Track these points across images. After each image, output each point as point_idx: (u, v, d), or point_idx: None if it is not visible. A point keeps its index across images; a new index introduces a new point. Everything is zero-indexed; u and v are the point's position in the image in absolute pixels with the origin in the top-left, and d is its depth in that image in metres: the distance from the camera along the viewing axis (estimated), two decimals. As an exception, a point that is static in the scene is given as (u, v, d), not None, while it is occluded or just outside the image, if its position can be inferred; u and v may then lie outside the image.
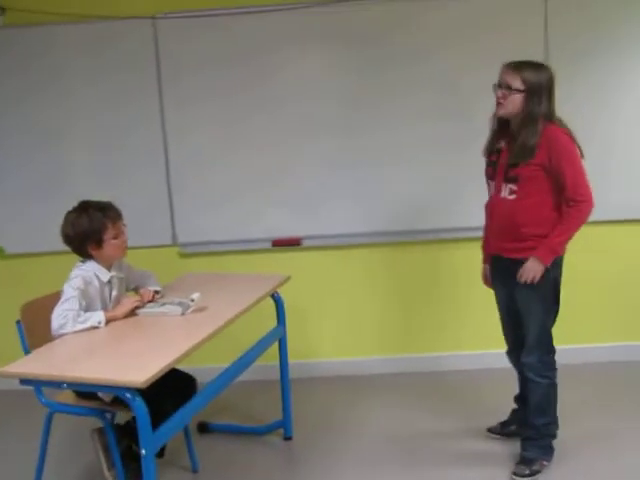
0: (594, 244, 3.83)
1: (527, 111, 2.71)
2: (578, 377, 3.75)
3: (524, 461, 2.94)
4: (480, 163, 3.01)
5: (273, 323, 3.29)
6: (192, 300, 2.75)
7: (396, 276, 4.11)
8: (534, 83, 2.69)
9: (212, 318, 2.66)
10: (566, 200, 2.71)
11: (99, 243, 2.77)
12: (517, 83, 2.71)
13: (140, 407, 2.14)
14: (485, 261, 3.15)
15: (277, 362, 3.33)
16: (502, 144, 2.87)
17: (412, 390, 3.88)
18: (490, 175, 2.94)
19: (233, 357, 2.93)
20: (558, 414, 2.97)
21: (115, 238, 2.80)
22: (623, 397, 3.62)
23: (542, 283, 2.78)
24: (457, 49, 3.81)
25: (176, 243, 4.04)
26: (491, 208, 2.96)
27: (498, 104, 2.80)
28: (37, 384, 2.34)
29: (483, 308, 3.66)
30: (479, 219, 3.09)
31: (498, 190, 2.87)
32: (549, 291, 2.84)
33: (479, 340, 4.07)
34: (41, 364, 2.30)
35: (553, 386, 2.92)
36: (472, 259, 3.25)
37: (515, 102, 2.73)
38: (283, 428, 3.40)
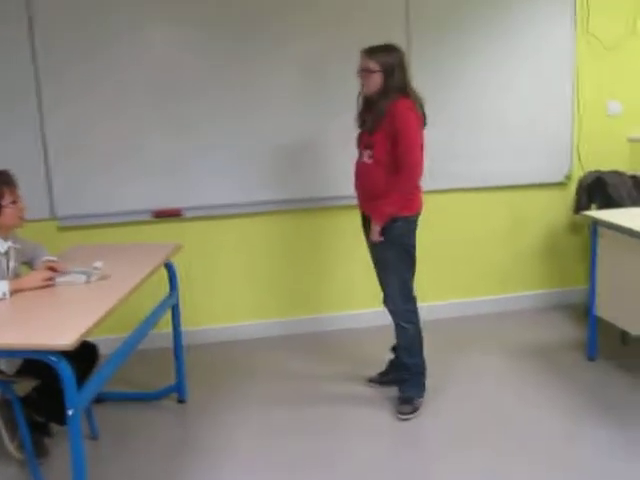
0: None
1: (384, 86, 3.14)
2: (440, 330, 4.20)
3: (404, 400, 3.34)
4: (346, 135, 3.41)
5: (160, 292, 3.38)
6: (95, 268, 2.81)
7: (275, 244, 4.34)
8: (387, 63, 3.11)
9: (118, 285, 2.74)
10: (398, 166, 3.10)
11: None
12: (373, 65, 3.14)
13: (66, 369, 2.21)
14: (364, 223, 3.47)
15: (164, 330, 3.48)
16: (366, 118, 3.26)
17: (299, 349, 4.16)
18: (358, 144, 3.34)
19: (126, 327, 3.04)
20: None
21: (13, 204, 2.79)
22: (473, 344, 4.15)
23: (392, 239, 3.18)
24: (322, 33, 4.09)
25: (55, 217, 4.01)
26: (356, 171, 3.34)
27: (362, 86, 3.23)
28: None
29: (358, 269, 4.03)
30: (349, 188, 3.43)
31: (361, 156, 3.29)
32: (402, 246, 3.22)
33: (358, 300, 4.42)
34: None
35: (418, 330, 3.35)
36: (346, 224, 3.55)
37: (375, 81, 3.15)
38: (177, 392, 3.55)
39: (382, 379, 3.63)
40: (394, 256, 3.23)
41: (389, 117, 3.08)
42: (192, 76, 4.01)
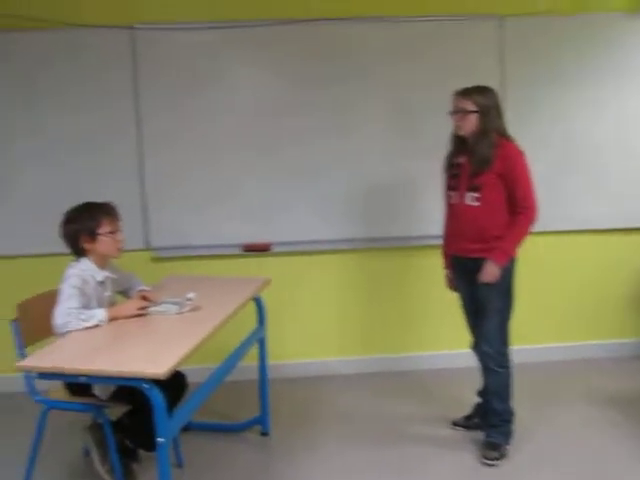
0: (546, 254, 4.27)
1: (481, 128, 3.14)
2: (526, 374, 4.06)
3: (491, 446, 3.25)
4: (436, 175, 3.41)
5: (247, 324, 3.44)
6: (188, 299, 2.90)
7: (362, 281, 4.37)
8: (483, 104, 3.13)
9: (209, 316, 2.81)
10: (516, 207, 3.11)
11: (93, 237, 2.89)
12: (469, 106, 3.14)
13: (157, 396, 2.29)
14: (447, 266, 3.45)
15: (249, 363, 3.53)
16: (462, 159, 3.25)
17: (383, 388, 4.15)
18: (452, 186, 3.29)
19: (214, 358, 3.14)
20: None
21: (111, 234, 2.92)
22: (559, 391, 4.01)
23: (501, 281, 3.15)
24: (410, 66, 4.14)
25: (149, 247, 4.17)
26: (455, 214, 3.29)
27: (457, 127, 3.23)
28: (54, 377, 2.43)
29: (444, 310, 3.98)
30: (437, 227, 3.44)
31: (462, 198, 3.22)
32: (508, 288, 3.21)
33: (443, 341, 4.39)
34: (57, 358, 2.41)
35: (510, 376, 3.27)
36: (433, 264, 3.56)
37: (471, 122, 3.15)
38: (260, 425, 3.58)
39: (467, 423, 3.56)
40: (499, 297, 3.19)
41: (500, 160, 3.09)
42: (287, 121, 4.13)
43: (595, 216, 4.34)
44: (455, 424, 3.58)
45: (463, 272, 3.33)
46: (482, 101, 3.12)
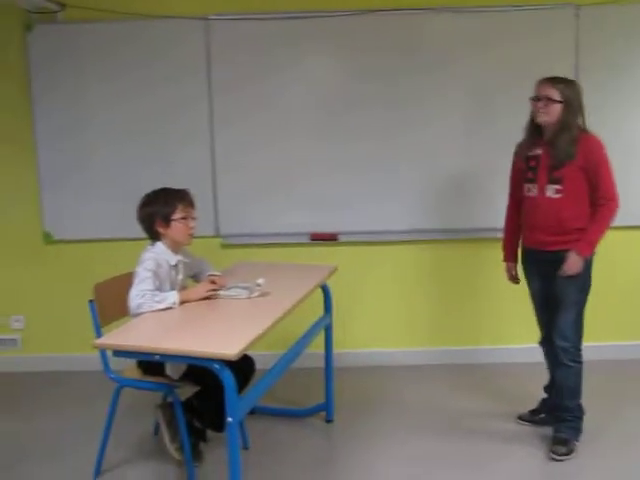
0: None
1: (563, 120, 3.09)
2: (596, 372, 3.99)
3: (560, 441, 3.19)
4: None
5: (314, 312, 3.47)
6: (258, 285, 2.95)
7: (429, 272, 4.37)
8: (569, 95, 3.09)
9: (278, 302, 2.85)
10: (599, 199, 3.08)
11: (167, 221, 2.97)
12: (556, 95, 3.08)
13: (228, 377, 2.33)
14: (508, 259, 3.44)
15: (315, 350, 3.54)
16: (539, 151, 3.19)
17: (448, 380, 4.13)
18: (530, 179, 3.23)
19: (281, 344, 3.19)
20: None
21: (183, 220, 2.99)
22: (633, 389, 3.93)
23: (582, 273, 3.11)
24: (485, 57, 4.10)
25: (219, 234, 4.26)
26: (533, 207, 3.24)
27: (539, 113, 3.14)
28: (130, 355, 2.51)
29: (513, 304, 3.93)
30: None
31: (542, 190, 3.17)
32: (587, 281, 3.16)
33: (510, 334, 4.35)
34: (133, 337, 2.50)
35: (581, 371, 3.22)
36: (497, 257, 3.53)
37: (554, 112, 3.10)
38: (325, 411, 3.62)
39: (533, 418, 3.51)
40: (577, 290, 3.15)
41: (582, 153, 3.06)
42: (361, 112, 4.15)
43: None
44: (521, 418, 3.53)
45: (538, 265, 3.29)
46: (568, 93, 3.08)
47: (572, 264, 3.10)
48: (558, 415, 3.27)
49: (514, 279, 3.45)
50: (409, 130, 4.16)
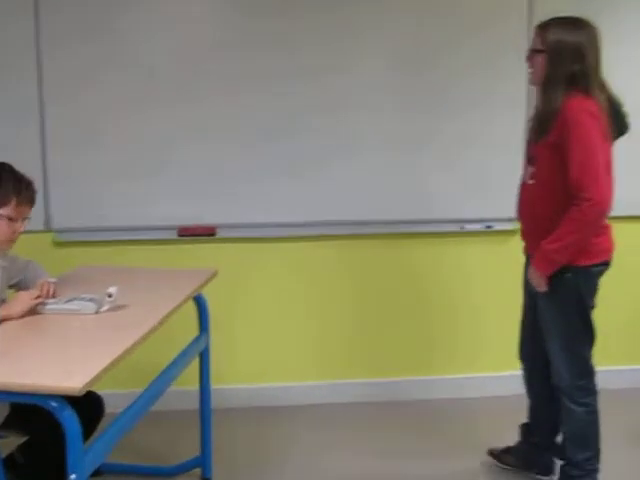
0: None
1: (545, 75, 3.06)
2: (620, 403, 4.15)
3: None
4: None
5: (185, 333, 3.46)
6: (109, 296, 2.92)
7: (350, 278, 4.45)
8: (554, 41, 3.02)
9: (136, 318, 2.83)
10: (572, 195, 2.97)
11: None
12: (538, 43, 3.09)
13: (71, 419, 2.28)
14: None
15: (186, 386, 3.58)
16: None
17: (378, 422, 4.22)
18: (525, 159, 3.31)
19: (139, 379, 3.16)
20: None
21: (9, 221, 2.95)
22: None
23: (561, 296, 3.13)
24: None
25: (50, 229, 4.21)
26: (519, 196, 3.31)
27: (529, 73, 3.21)
28: None
29: (465, 320, 4.13)
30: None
31: (525, 174, 3.25)
32: (572, 308, 3.16)
33: (463, 361, 4.52)
34: None
35: (592, 414, 3.24)
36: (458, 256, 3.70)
37: (538, 66, 3.11)
38: (201, 468, 3.63)
39: (515, 460, 3.62)
40: (561, 318, 3.17)
41: (560, 122, 2.98)
42: (234, 63, 4.20)
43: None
44: (496, 457, 3.65)
45: (525, 275, 3.35)
46: (555, 37, 3.02)
47: (533, 279, 3.16)
48: (564, 470, 3.33)
49: None
50: (313, 90, 4.24)
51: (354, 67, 4.24)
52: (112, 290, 2.94)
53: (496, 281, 4.27)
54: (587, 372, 3.23)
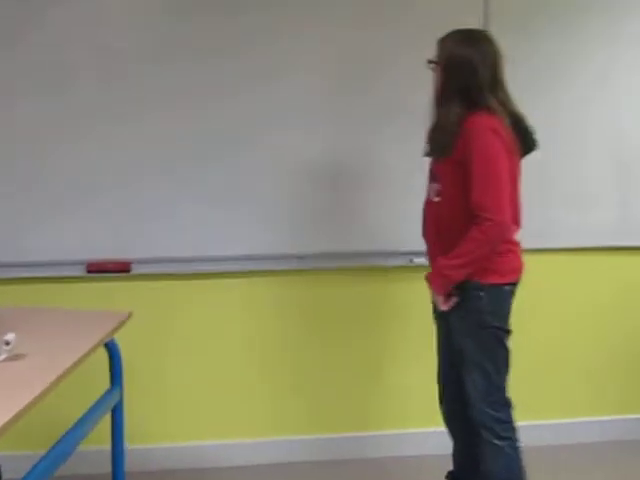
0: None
1: (439, 88, 3.22)
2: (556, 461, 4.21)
3: None
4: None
5: (94, 385, 3.36)
6: (7, 343, 2.78)
7: (282, 320, 4.39)
8: (446, 55, 3.20)
9: (37, 369, 2.69)
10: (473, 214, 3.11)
11: None
12: (435, 56, 3.23)
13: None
14: None
15: (98, 446, 3.49)
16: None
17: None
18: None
19: (41, 440, 3.04)
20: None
21: None
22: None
23: (472, 314, 3.20)
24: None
25: None
26: (423, 214, 3.41)
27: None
28: None
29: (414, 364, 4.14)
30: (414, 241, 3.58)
31: (429, 192, 3.35)
32: (484, 329, 3.22)
33: (417, 414, 4.45)
34: None
35: (517, 451, 3.26)
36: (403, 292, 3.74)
37: (435, 79, 3.25)
38: None
39: None
40: (475, 342, 3.23)
41: (462, 139, 3.11)
42: (154, 77, 4.12)
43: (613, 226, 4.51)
44: None
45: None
46: (448, 48, 3.20)
47: (435, 297, 3.26)
48: None
49: None
50: (244, 101, 4.17)
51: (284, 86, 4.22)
52: (9, 337, 2.81)
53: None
54: (506, 403, 3.29)
